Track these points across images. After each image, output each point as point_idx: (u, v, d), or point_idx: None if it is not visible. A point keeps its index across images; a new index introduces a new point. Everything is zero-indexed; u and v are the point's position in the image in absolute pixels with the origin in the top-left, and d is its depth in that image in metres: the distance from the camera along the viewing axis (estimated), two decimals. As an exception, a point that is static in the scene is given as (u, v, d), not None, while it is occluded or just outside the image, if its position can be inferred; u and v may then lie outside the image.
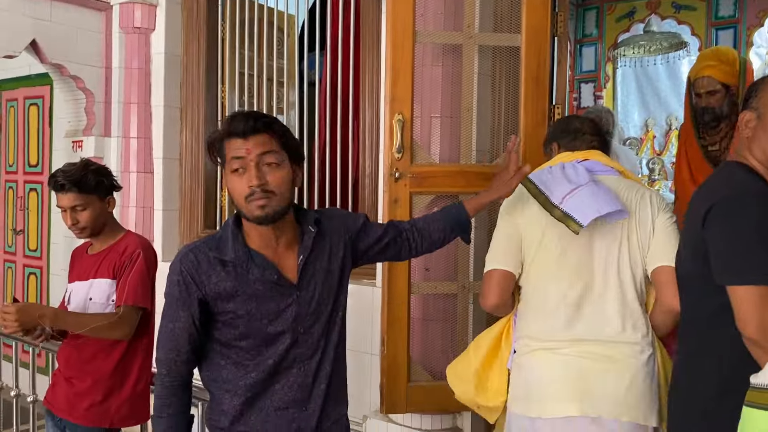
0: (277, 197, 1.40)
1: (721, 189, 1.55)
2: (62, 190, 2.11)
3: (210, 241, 1.50)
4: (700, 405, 1.56)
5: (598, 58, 5.85)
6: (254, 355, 1.47)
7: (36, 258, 4.72)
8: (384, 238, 1.70)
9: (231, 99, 4.02)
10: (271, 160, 1.41)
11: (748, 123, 1.58)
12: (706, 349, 1.56)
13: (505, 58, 2.87)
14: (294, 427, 1.48)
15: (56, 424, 2.23)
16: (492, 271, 1.93)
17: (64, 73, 3.91)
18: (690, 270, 1.62)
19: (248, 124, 1.40)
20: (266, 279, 1.45)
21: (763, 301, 1.38)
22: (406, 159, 2.76)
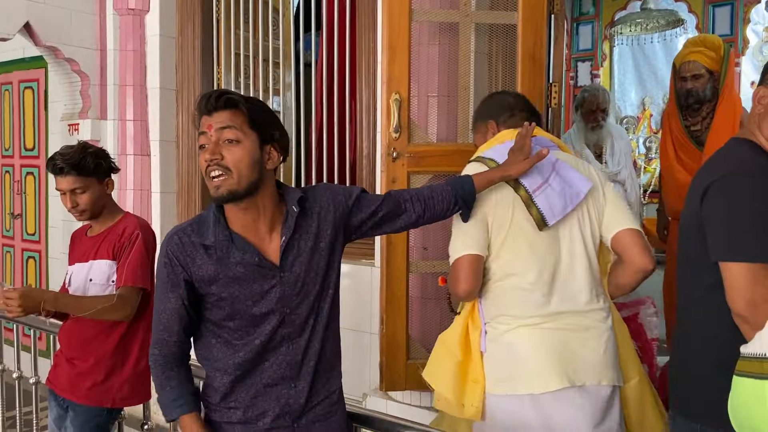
0: (233, 175, 1.39)
1: (721, 167, 1.55)
2: (61, 173, 2.12)
3: (193, 224, 1.51)
4: (700, 378, 1.60)
5: (594, 36, 5.83)
6: (242, 335, 1.48)
7: (34, 242, 4.72)
8: (379, 212, 1.64)
9: (227, 80, 4.00)
10: (230, 137, 1.40)
11: (762, 99, 1.56)
12: (704, 324, 1.59)
13: (502, 36, 2.86)
14: (282, 403, 1.49)
15: (59, 404, 2.25)
16: (463, 256, 1.86)
17: (58, 56, 3.89)
18: (689, 246, 1.63)
19: (211, 101, 1.41)
20: (247, 261, 1.45)
21: (755, 277, 1.41)
22: (404, 139, 2.76)
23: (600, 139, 3.82)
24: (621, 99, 6.11)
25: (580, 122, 3.85)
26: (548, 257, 1.86)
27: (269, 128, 1.47)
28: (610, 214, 1.91)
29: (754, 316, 1.40)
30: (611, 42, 5.80)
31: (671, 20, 5.03)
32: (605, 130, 3.82)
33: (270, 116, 1.49)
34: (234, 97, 1.42)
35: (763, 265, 1.42)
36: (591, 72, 5.82)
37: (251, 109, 1.43)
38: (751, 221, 1.44)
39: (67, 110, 4.12)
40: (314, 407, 1.53)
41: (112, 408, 2.21)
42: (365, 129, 3.36)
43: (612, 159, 3.80)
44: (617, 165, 3.79)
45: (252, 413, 1.50)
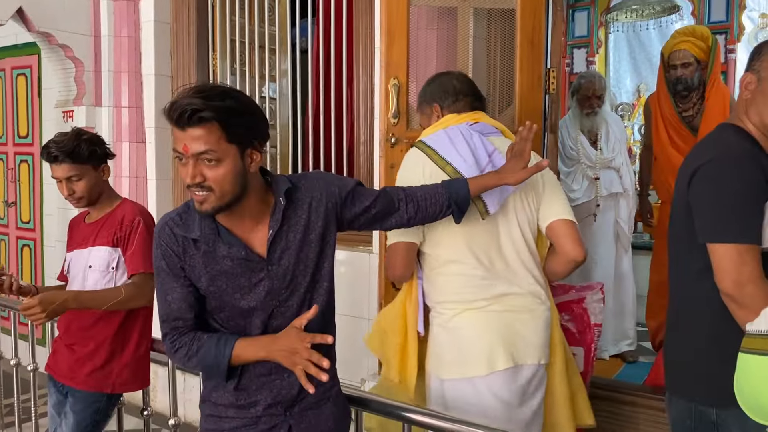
0: (216, 193, 1.35)
1: (708, 151, 1.59)
2: (56, 161, 2.10)
3: (181, 214, 1.47)
4: (693, 356, 1.64)
5: (590, 23, 5.81)
6: (233, 326, 1.48)
7: (29, 230, 4.70)
8: (372, 209, 1.61)
9: (222, 67, 3.98)
10: (210, 158, 1.33)
11: (749, 85, 1.59)
12: (694, 304, 1.64)
13: (500, 20, 2.85)
14: (275, 393, 1.49)
15: (59, 390, 2.25)
16: (397, 243, 1.93)
17: (52, 42, 3.85)
18: (679, 228, 1.67)
19: (184, 116, 1.30)
20: (234, 255, 1.43)
21: (740, 258, 1.46)
22: (402, 124, 2.75)
23: (595, 126, 3.81)
24: (616, 86, 6.11)
25: (576, 108, 3.85)
26: (489, 243, 1.92)
27: (248, 135, 1.38)
28: (546, 204, 1.97)
29: (741, 295, 1.46)
30: (607, 29, 5.79)
31: (667, 6, 5.02)
32: (600, 117, 3.81)
33: (247, 117, 1.38)
34: (206, 114, 1.30)
35: (748, 246, 1.47)
36: (587, 59, 5.81)
37: (227, 122, 1.32)
38: (736, 204, 1.49)
39: (62, 97, 4.09)
40: (306, 396, 1.52)
41: (112, 394, 2.21)
42: (362, 115, 3.34)
43: (607, 146, 3.79)
44: (612, 152, 3.78)
45: (244, 401, 1.50)
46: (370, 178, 3.27)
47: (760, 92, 1.57)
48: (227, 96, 1.35)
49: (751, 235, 1.48)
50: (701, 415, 1.59)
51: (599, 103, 3.78)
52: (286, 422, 1.51)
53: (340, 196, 1.54)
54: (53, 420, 2.28)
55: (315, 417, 1.54)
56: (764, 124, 1.57)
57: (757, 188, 1.49)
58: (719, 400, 1.54)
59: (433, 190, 1.72)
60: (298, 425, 1.52)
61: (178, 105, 1.31)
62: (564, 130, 3.80)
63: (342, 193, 1.55)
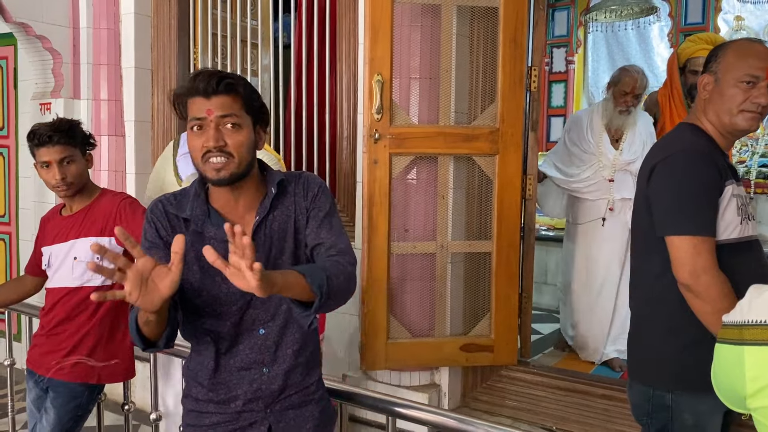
0: (235, 160, 1.39)
1: (666, 149, 1.68)
2: (50, 143, 2.04)
3: (177, 194, 1.51)
4: (652, 344, 1.73)
5: (570, 22, 5.88)
6: (212, 312, 1.48)
7: (4, 224, 4.62)
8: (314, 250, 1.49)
9: (203, 61, 3.94)
10: (233, 122, 1.40)
11: (706, 86, 1.68)
12: (654, 296, 1.71)
13: (483, 19, 2.88)
14: (254, 387, 1.49)
15: (38, 385, 2.23)
16: None
17: (29, 33, 3.79)
18: (638, 225, 1.76)
19: (211, 84, 1.37)
20: (220, 237, 1.43)
21: (696, 249, 1.55)
22: (386, 120, 2.77)
23: (624, 125, 3.52)
24: (594, 85, 6.20)
25: (610, 102, 3.54)
26: None
27: (260, 111, 1.47)
28: None
29: (696, 284, 1.55)
30: (586, 28, 5.86)
31: (645, 8, 5.10)
32: (632, 117, 3.52)
33: (258, 96, 1.49)
34: (233, 81, 1.41)
35: (702, 238, 1.56)
36: (566, 58, 5.88)
37: (247, 93, 1.43)
38: (690, 198, 1.58)
39: (39, 89, 4.03)
40: (291, 395, 1.52)
41: (94, 387, 2.19)
42: (345, 111, 3.35)
43: (629, 148, 3.50)
44: (632, 155, 3.48)
45: (224, 395, 1.49)
46: (352, 174, 3.29)
47: (717, 92, 1.65)
48: (241, 77, 1.46)
49: (705, 227, 1.57)
50: (658, 399, 1.69)
51: (635, 102, 3.51)
52: (266, 420, 1.50)
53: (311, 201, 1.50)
54: (32, 415, 2.25)
55: (295, 417, 1.53)
56: (721, 122, 1.66)
57: (711, 184, 1.58)
58: (674, 386, 1.66)
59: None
60: (277, 424, 1.51)
61: (203, 76, 1.39)
62: (586, 119, 3.61)
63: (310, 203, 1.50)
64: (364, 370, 3.00)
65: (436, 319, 2.95)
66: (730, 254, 1.60)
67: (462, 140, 2.83)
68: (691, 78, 3.50)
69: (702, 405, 1.63)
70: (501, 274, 2.92)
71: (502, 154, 2.83)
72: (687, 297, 1.58)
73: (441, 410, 1.64)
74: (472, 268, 3.04)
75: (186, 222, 1.47)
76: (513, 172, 2.85)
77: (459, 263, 3.02)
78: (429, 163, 2.90)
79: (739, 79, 1.61)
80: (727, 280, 1.55)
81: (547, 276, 5.29)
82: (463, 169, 2.96)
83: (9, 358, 2.81)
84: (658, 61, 5.98)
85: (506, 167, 2.84)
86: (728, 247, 1.60)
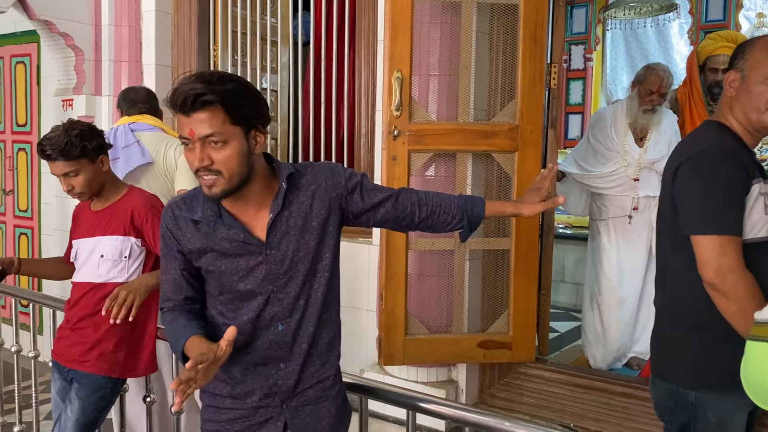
0: (224, 176, 1.37)
1: (691, 147, 1.66)
2: (50, 159, 2.09)
3: (186, 197, 1.51)
4: (676, 341, 1.71)
5: (588, 19, 5.84)
6: (232, 309, 1.49)
7: (27, 218, 4.69)
8: (380, 208, 1.56)
9: (223, 58, 3.98)
10: (216, 140, 1.35)
11: (732, 83, 1.66)
12: (679, 294, 1.70)
13: (503, 16, 2.87)
14: (271, 383, 1.50)
15: (63, 376, 2.26)
16: None
17: (52, 30, 3.84)
18: (663, 224, 1.75)
19: (187, 103, 1.32)
20: (232, 237, 1.45)
21: (722, 248, 1.53)
22: (405, 117, 2.78)
23: (649, 124, 3.45)
24: (612, 83, 6.15)
25: (635, 100, 3.46)
26: None
27: (251, 116, 1.40)
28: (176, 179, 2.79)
29: (723, 284, 1.53)
30: (605, 26, 5.82)
31: (665, 5, 5.05)
32: (657, 116, 3.44)
33: (249, 99, 1.40)
34: (210, 98, 1.32)
35: (728, 237, 1.54)
36: (584, 55, 5.85)
37: (230, 104, 1.35)
38: (716, 197, 1.57)
39: (61, 86, 4.09)
40: (305, 390, 1.53)
41: (117, 380, 2.22)
42: (363, 107, 3.37)
43: (654, 147, 3.43)
44: (657, 154, 3.41)
45: (241, 390, 1.51)
46: (370, 171, 3.30)
47: (744, 89, 1.63)
48: (227, 80, 1.38)
49: (731, 226, 1.55)
50: (681, 397, 1.67)
51: (661, 100, 3.44)
52: (282, 416, 1.52)
53: (345, 187, 1.52)
54: (57, 406, 2.29)
55: (311, 414, 1.54)
56: (748, 120, 1.64)
57: (737, 182, 1.56)
58: (698, 384, 1.64)
59: (448, 199, 1.65)
60: (293, 420, 1.52)
61: (180, 91, 1.33)
62: (610, 117, 3.56)
63: (348, 185, 1.53)
64: (381, 365, 3.02)
65: (454, 316, 2.96)
66: (757, 253, 1.58)
67: (481, 137, 2.83)
68: (711, 76, 3.47)
69: (726, 403, 1.62)
70: (520, 272, 2.92)
71: (521, 151, 2.83)
72: (713, 296, 1.57)
73: (462, 405, 1.64)
74: (490, 265, 3.04)
75: (196, 223, 1.47)
76: (532, 169, 2.84)
77: (477, 260, 3.02)
78: (448, 160, 2.90)
79: (766, 76, 1.59)
80: (753, 279, 1.53)
81: (564, 274, 5.27)
82: (482, 166, 2.96)
83: (33, 350, 2.85)
84: (677, 58, 5.92)
85: (525, 164, 2.84)
86: (755, 246, 1.58)
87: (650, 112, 3.42)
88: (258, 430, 1.52)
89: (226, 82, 1.37)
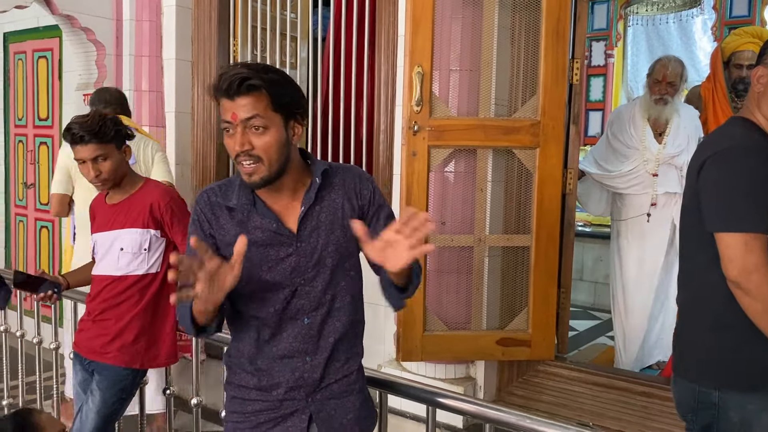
0: (264, 162, 1.39)
1: (716, 144, 1.63)
2: (81, 142, 2.09)
3: (222, 185, 1.53)
4: (699, 341, 1.69)
5: (609, 15, 5.78)
6: (257, 300, 1.49)
7: (47, 212, 4.73)
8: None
9: (243, 53, 3.99)
10: (258, 124, 1.37)
11: (761, 78, 1.62)
12: (702, 293, 1.68)
13: (525, 11, 2.85)
14: (297, 376, 1.50)
15: (84, 368, 2.28)
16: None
17: (74, 25, 3.87)
18: (687, 221, 1.72)
19: (233, 86, 1.36)
20: (265, 227, 1.46)
21: (747, 247, 1.51)
22: (425, 112, 2.77)
23: (662, 117, 3.40)
24: (633, 79, 6.09)
25: (648, 93, 3.48)
26: None
27: (292, 106, 1.43)
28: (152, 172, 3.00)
29: (747, 282, 1.51)
30: (626, 21, 5.76)
31: (688, 0, 4.99)
32: (671, 108, 3.39)
33: (290, 89, 1.44)
34: (255, 82, 1.36)
35: (754, 235, 1.51)
36: (605, 51, 5.80)
37: (274, 91, 1.38)
38: (741, 194, 1.54)
39: (82, 80, 4.11)
40: (330, 384, 1.53)
41: (138, 372, 2.24)
42: (383, 103, 3.35)
43: (673, 141, 3.38)
44: (676, 148, 3.37)
45: (267, 382, 1.51)
46: (389, 166, 3.29)
47: None
48: (271, 70, 1.43)
49: (757, 224, 1.52)
50: (704, 397, 1.65)
51: (671, 91, 3.38)
52: (307, 409, 1.52)
53: (369, 201, 1.53)
54: (78, 397, 2.31)
55: (336, 408, 1.55)
56: None
57: (763, 179, 1.54)
58: (721, 384, 1.62)
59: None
60: (318, 413, 1.53)
61: (226, 76, 1.37)
62: (628, 113, 3.55)
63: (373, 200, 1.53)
64: (399, 361, 3.01)
65: (473, 313, 2.94)
66: None
67: (502, 133, 2.81)
68: (736, 72, 3.43)
69: (749, 404, 1.60)
70: (539, 269, 2.89)
71: (542, 147, 2.81)
72: (737, 295, 1.54)
73: (484, 402, 1.63)
74: (509, 262, 3.02)
75: (231, 210, 1.48)
76: (554, 165, 2.82)
77: (496, 257, 3.00)
78: (468, 156, 2.89)
79: None
80: None
81: (583, 272, 5.23)
82: (503, 162, 2.94)
83: (54, 341, 2.88)
84: (700, 55, 5.85)
85: (547, 160, 2.82)
86: None
87: (661, 102, 3.38)
88: (283, 422, 1.52)
89: (269, 71, 1.42)
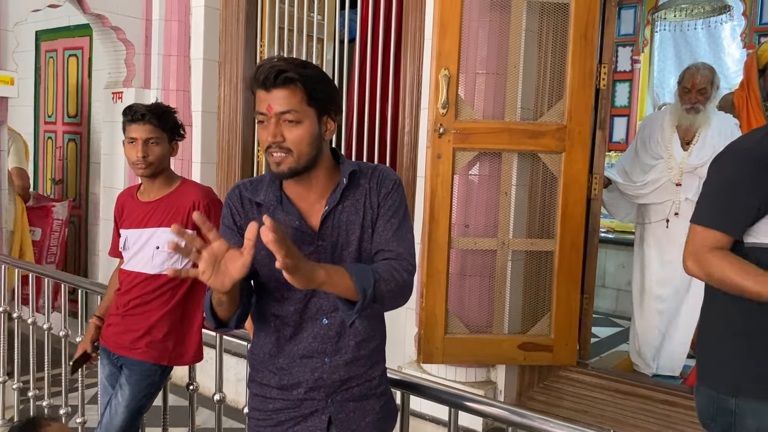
0: (294, 155, 1.40)
1: (726, 148, 1.68)
2: (141, 120, 2.14)
3: (253, 181, 1.56)
4: (716, 348, 1.70)
5: (637, 20, 5.73)
6: (278, 298, 1.51)
7: (75, 208, 4.81)
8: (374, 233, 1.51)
9: (270, 54, 4.02)
10: (291, 118, 1.39)
11: None
12: (719, 299, 1.67)
13: (553, 14, 2.84)
14: (316, 376, 1.51)
15: (112, 362, 2.31)
16: None
17: (105, 24, 3.94)
18: None
19: (269, 78, 1.38)
20: (289, 224, 1.47)
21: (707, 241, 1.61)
22: (451, 115, 2.77)
23: (693, 125, 3.31)
24: (660, 85, 6.03)
25: (678, 100, 3.38)
26: None
27: (326, 101, 1.45)
28: None
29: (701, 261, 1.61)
30: (653, 27, 5.70)
31: (717, 6, 4.93)
32: (702, 116, 3.29)
33: (325, 85, 1.47)
34: (292, 75, 1.38)
35: (716, 232, 1.59)
36: (632, 57, 5.75)
37: (309, 85, 1.40)
38: (720, 193, 1.61)
39: (111, 78, 4.18)
40: (351, 387, 1.53)
41: (166, 367, 2.27)
42: (408, 105, 3.36)
43: (700, 151, 3.29)
44: (700, 159, 3.27)
45: (287, 381, 1.52)
46: (413, 168, 3.30)
47: None
48: (308, 65, 1.45)
49: (724, 224, 1.58)
50: (721, 403, 1.66)
51: (702, 99, 3.28)
52: (327, 410, 1.52)
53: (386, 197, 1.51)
54: (105, 391, 2.34)
55: (355, 410, 1.55)
56: None
57: (745, 183, 1.56)
58: (738, 391, 1.63)
59: None
60: (337, 415, 1.53)
61: (264, 68, 1.40)
62: (658, 120, 3.49)
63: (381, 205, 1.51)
64: (420, 363, 3.01)
65: (495, 316, 2.94)
66: None
67: (527, 137, 2.81)
68: None
69: (766, 411, 1.59)
70: (563, 274, 2.88)
71: (568, 152, 2.80)
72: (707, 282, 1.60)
73: (507, 405, 1.62)
74: (532, 266, 3.01)
75: (259, 206, 1.50)
76: (579, 170, 2.81)
77: (519, 261, 3.00)
78: (493, 159, 2.88)
79: None
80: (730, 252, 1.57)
81: (605, 279, 5.19)
82: (527, 166, 2.94)
83: (80, 335, 2.92)
84: (728, 61, 5.78)
85: (572, 165, 2.81)
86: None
87: (692, 111, 3.29)
88: (303, 422, 1.53)
89: (306, 66, 1.44)
